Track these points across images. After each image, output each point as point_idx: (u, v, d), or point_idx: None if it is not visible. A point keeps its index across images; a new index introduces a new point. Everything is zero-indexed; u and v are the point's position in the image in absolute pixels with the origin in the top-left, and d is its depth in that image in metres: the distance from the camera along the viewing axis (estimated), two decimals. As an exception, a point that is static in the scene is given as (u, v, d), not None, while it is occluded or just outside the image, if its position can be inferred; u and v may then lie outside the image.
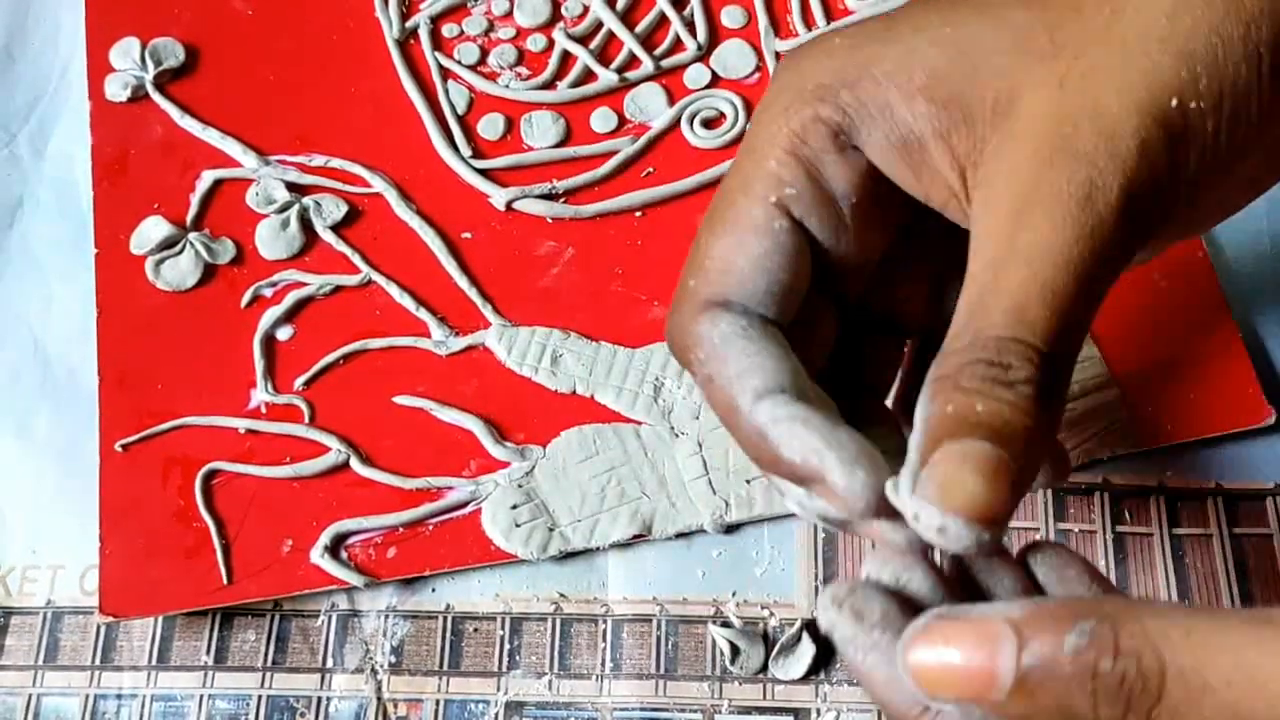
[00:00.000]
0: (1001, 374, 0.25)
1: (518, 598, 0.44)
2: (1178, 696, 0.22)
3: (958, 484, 0.24)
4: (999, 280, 0.26)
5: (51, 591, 0.45)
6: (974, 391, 0.25)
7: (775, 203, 0.29)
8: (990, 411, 0.24)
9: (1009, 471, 0.24)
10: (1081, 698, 0.22)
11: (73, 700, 0.44)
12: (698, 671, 0.43)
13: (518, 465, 0.45)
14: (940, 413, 0.25)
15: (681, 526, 0.44)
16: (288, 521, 0.45)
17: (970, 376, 0.25)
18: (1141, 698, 0.22)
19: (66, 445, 0.47)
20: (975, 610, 0.24)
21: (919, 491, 0.24)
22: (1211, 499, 0.45)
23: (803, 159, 0.29)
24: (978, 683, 0.23)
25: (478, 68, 0.53)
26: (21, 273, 0.51)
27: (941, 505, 0.24)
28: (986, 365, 0.25)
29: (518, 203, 0.50)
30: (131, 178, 0.51)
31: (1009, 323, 0.25)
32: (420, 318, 0.48)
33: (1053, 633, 0.23)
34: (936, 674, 0.24)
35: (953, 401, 0.25)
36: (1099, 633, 0.22)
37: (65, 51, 0.55)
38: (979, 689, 0.23)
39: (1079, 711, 0.23)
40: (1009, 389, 0.25)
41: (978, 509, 0.24)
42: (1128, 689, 0.22)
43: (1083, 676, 0.22)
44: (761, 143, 0.30)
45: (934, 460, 0.24)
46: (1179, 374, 0.46)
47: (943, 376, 0.26)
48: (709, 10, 0.54)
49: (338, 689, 0.43)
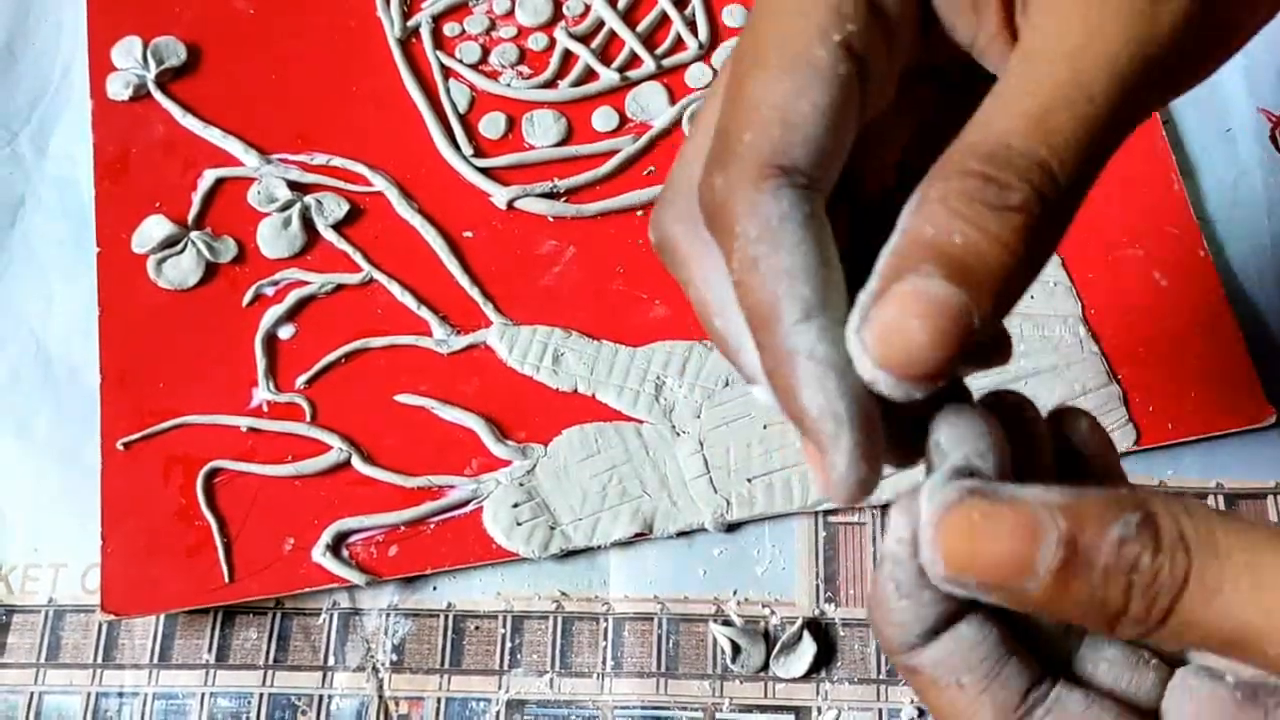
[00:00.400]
0: (995, 195, 0.22)
1: (519, 596, 0.45)
2: (1194, 597, 0.22)
3: (899, 334, 0.22)
4: (1029, 74, 0.23)
5: (53, 590, 0.45)
6: (957, 214, 0.22)
7: (840, 41, 0.24)
8: (970, 245, 0.22)
9: (965, 322, 0.21)
10: (1115, 590, 0.22)
11: (74, 698, 0.44)
12: (699, 670, 0.43)
13: (519, 464, 0.45)
14: (916, 232, 0.22)
15: (682, 525, 0.45)
16: (289, 520, 0.45)
17: (959, 194, 0.22)
18: (1167, 593, 0.22)
19: (68, 444, 0.47)
20: (1015, 492, 0.22)
21: (862, 332, 0.22)
22: (1212, 498, 0.45)
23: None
24: (1009, 569, 0.22)
25: (479, 66, 0.53)
26: (23, 271, 0.51)
27: (875, 356, 0.22)
28: (982, 181, 0.22)
29: (519, 201, 0.50)
30: (133, 176, 0.51)
31: (1026, 127, 0.22)
32: (422, 316, 0.48)
33: (1097, 524, 0.22)
34: (965, 555, 0.22)
35: (933, 222, 0.22)
36: (1144, 527, 0.22)
37: (67, 50, 0.55)
38: (1008, 575, 0.22)
39: (1110, 603, 0.22)
40: (998, 216, 0.22)
41: (914, 366, 0.22)
42: (1160, 583, 0.22)
43: (1122, 569, 0.22)
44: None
45: (886, 296, 0.22)
46: (1180, 373, 0.46)
47: (935, 181, 0.23)
48: (710, 9, 0.54)
49: (339, 687, 0.43)
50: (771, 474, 0.45)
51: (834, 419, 0.23)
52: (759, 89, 0.24)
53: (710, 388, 0.46)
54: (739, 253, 0.24)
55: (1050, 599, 0.22)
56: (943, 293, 0.21)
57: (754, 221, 0.24)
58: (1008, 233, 0.22)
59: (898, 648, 0.25)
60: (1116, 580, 0.22)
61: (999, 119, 0.23)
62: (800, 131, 0.24)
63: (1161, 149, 0.50)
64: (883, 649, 0.26)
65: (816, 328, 0.23)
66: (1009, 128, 0.22)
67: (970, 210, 0.22)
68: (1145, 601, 0.22)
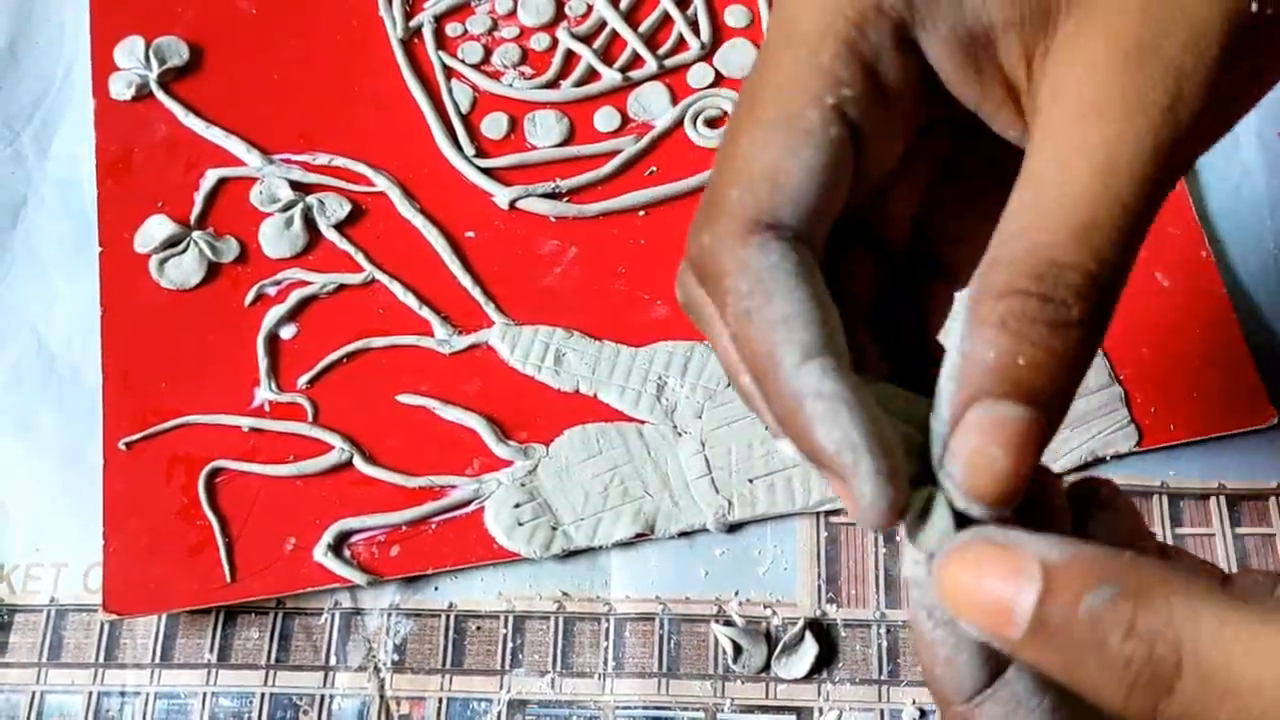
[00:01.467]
0: (1054, 313, 0.22)
1: (520, 596, 0.45)
2: (1192, 692, 0.20)
3: (986, 463, 0.22)
4: (1065, 185, 0.23)
5: (55, 589, 0.45)
6: (1020, 335, 0.22)
7: (834, 105, 0.24)
8: (1034, 364, 0.22)
9: (1040, 439, 0.22)
10: (1092, 665, 0.21)
11: (76, 698, 0.44)
12: (700, 670, 0.43)
13: (521, 464, 0.45)
14: (979, 359, 0.22)
15: (684, 525, 0.45)
16: (291, 520, 0.45)
17: (1019, 315, 0.22)
18: (1147, 687, 0.20)
19: (70, 443, 0.47)
20: (1016, 539, 0.22)
21: (947, 463, 0.23)
22: (1215, 499, 0.45)
23: (861, 55, 0.25)
24: (996, 618, 0.22)
25: (481, 67, 0.53)
26: (25, 271, 0.51)
27: (968, 488, 0.22)
28: (1040, 301, 0.22)
29: (521, 202, 0.50)
30: (135, 176, 0.51)
31: (1074, 240, 0.22)
32: (423, 316, 0.48)
33: (1076, 587, 0.21)
34: (963, 594, 0.22)
35: (995, 346, 0.22)
36: (1117, 604, 0.21)
37: (70, 50, 0.55)
38: (997, 626, 0.22)
39: (1088, 679, 0.21)
40: (1059, 333, 0.22)
41: (1002, 492, 0.22)
42: (1134, 674, 0.20)
43: (1091, 645, 0.21)
44: (810, 32, 0.25)
45: (964, 426, 0.22)
46: (1182, 374, 0.46)
47: (986, 301, 0.23)
48: (712, 10, 0.54)
49: (341, 687, 0.43)
50: (773, 474, 0.45)
51: (851, 449, 0.23)
52: (749, 147, 0.25)
53: (712, 388, 0.46)
54: (732, 308, 0.24)
55: (1035, 657, 0.22)
56: (1016, 416, 0.22)
57: (743, 276, 0.24)
58: (1072, 348, 0.22)
59: (953, 695, 0.24)
60: (1093, 653, 0.21)
61: (1040, 234, 0.23)
62: (787, 191, 0.24)
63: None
64: (936, 702, 0.25)
65: (819, 367, 0.23)
66: (1054, 243, 0.22)
67: (1032, 332, 0.22)
68: (1121, 688, 0.21)
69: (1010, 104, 0.26)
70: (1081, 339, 0.22)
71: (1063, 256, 0.22)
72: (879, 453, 0.23)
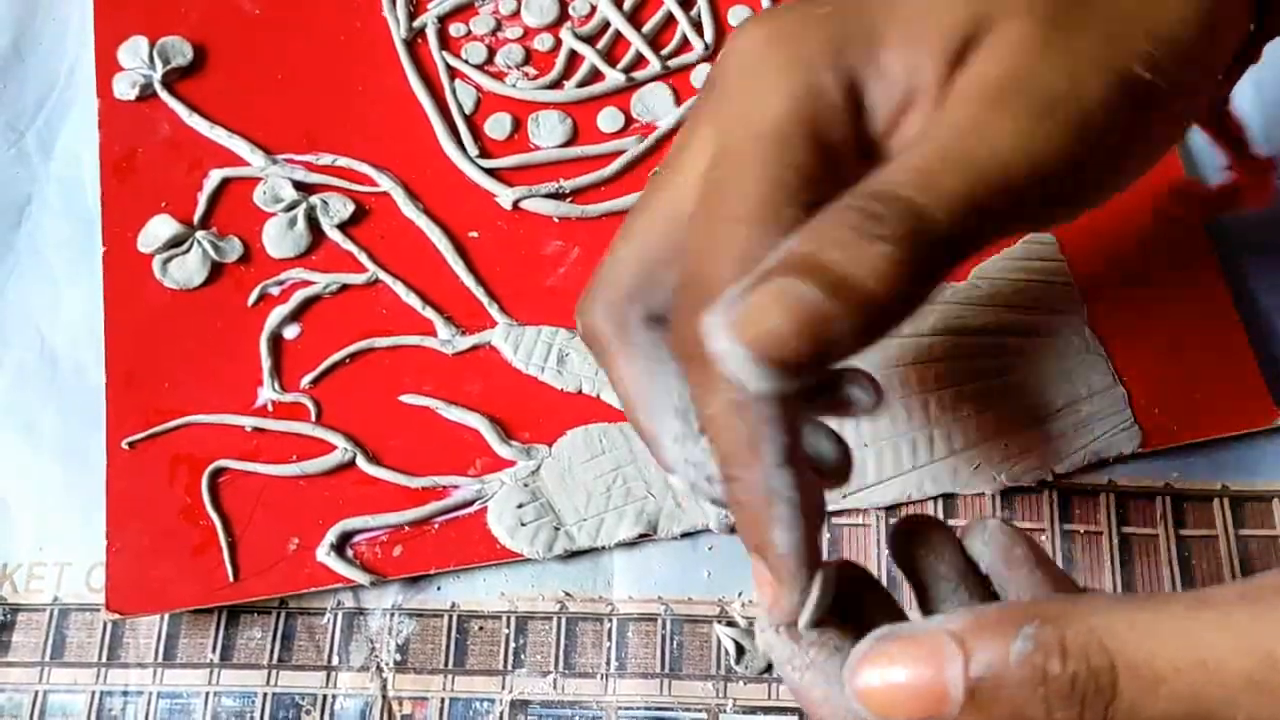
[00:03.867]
0: (871, 226, 0.23)
1: (523, 596, 0.45)
2: (1133, 690, 0.22)
3: (760, 316, 0.22)
4: (923, 145, 0.24)
5: (58, 588, 0.45)
6: (832, 239, 0.23)
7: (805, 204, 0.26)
8: (838, 261, 0.23)
9: (826, 326, 0.22)
10: (1035, 703, 0.22)
11: (79, 697, 0.44)
12: (703, 671, 0.43)
13: (523, 464, 0.45)
14: (793, 248, 0.23)
15: (687, 526, 0.45)
16: (294, 519, 0.45)
17: (838, 222, 0.23)
18: (1096, 697, 0.22)
19: (74, 443, 0.47)
20: (916, 627, 0.23)
21: (722, 313, 0.23)
22: (1218, 501, 0.45)
23: (824, 144, 0.26)
24: (928, 701, 0.22)
25: (485, 67, 0.53)
26: (29, 271, 0.51)
27: (732, 331, 0.22)
28: (859, 214, 0.23)
29: (524, 202, 0.50)
30: (139, 176, 0.51)
31: (911, 179, 0.24)
32: (427, 316, 0.48)
33: (997, 641, 0.22)
34: (886, 697, 0.23)
35: (810, 242, 0.23)
36: (1043, 636, 0.22)
37: (73, 50, 0.55)
38: (930, 707, 0.23)
39: (1037, 713, 0.22)
40: (869, 244, 0.23)
41: (769, 346, 0.22)
42: (1080, 690, 0.22)
43: (1033, 682, 0.22)
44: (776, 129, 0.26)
45: (755, 288, 0.23)
46: (1185, 375, 0.46)
47: (821, 213, 0.24)
48: (716, 10, 0.54)
49: (343, 687, 0.43)
50: (776, 475, 0.45)
51: (798, 560, 0.25)
52: (734, 245, 0.26)
53: (715, 389, 0.46)
54: (720, 396, 0.25)
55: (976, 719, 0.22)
56: (809, 294, 0.22)
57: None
58: (878, 260, 0.23)
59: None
60: (1032, 694, 0.22)
61: (890, 172, 0.24)
62: None
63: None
64: None
65: (791, 476, 0.25)
66: (896, 179, 0.24)
67: (845, 236, 0.23)
68: (1073, 709, 0.22)
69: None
70: (894, 260, 0.23)
71: (900, 189, 0.24)
72: (810, 571, 0.26)
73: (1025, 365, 0.46)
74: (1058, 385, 0.46)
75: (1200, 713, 0.21)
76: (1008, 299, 0.47)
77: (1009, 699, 0.22)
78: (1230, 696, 0.21)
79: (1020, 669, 0.22)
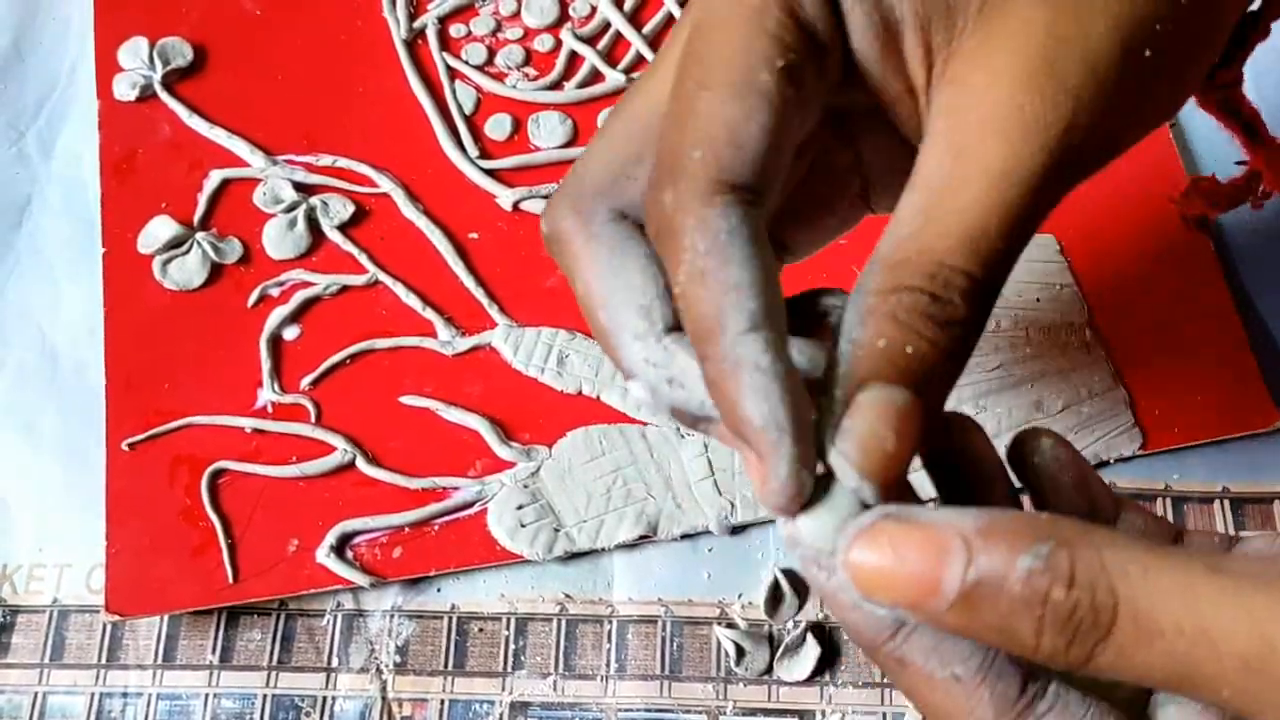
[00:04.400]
0: (940, 311, 0.24)
1: (523, 598, 0.45)
2: (1126, 636, 0.21)
3: (877, 443, 0.23)
4: (959, 193, 0.24)
5: (58, 590, 0.45)
6: (908, 327, 0.24)
7: (783, 68, 0.25)
8: (919, 355, 0.24)
9: (921, 423, 0.23)
10: (1027, 622, 0.22)
11: (78, 698, 0.44)
12: (703, 673, 0.43)
13: (523, 466, 0.45)
14: (870, 345, 0.24)
15: (687, 528, 0.44)
16: (294, 521, 0.45)
17: (909, 309, 0.24)
18: (1089, 631, 0.22)
19: (73, 444, 0.47)
20: (927, 516, 0.23)
21: (839, 444, 0.24)
22: (1219, 502, 0.45)
23: (802, 22, 0.26)
24: (918, 590, 0.22)
25: (485, 68, 0.53)
26: (30, 271, 0.51)
27: (861, 467, 0.23)
28: (929, 299, 0.24)
29: (525, 203, 0.50)
30: (139, 177, 0.51)
31: (962, 247, 0.24)
32: (427, 318, 0.48)
33: (1006, 551, 0.22)
34: (875, 576, 0.23)
35: (885, 335, 0.24)
36: (1055, 559, 0.22)
37: (74, 51, 0.55)
38: (918, 596, 0.22)
39: (1021, 634, 0.22)
40: (943, 330, 0.24)
41: (891, 472, 0.23)
42: (1076, 621, 0.21)
43: (1031, 601, 0.22)
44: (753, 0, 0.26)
45: (858, 407, 0.24)
46: (1186, 377, 0.46)
47: (880, 295, 0.24)
48: (716, 11, 0.54)
49: (343, 688, 0.43)
50: (776, 477, 0.45)
51: (778, 427, 0.24)
52: (708, 110, 0.25)
53: (715, 390, 0.46)
54: (687, 265, 0.25)
55: (961, 623, 0.22)
56: (904, 400, 0.23)
57: (703, 236, 0.25)
58: (953, 344, 0.24)
59: (874, 637, 0.25)
60: (1026, 612, 0.22)
61: (934, 238, 0.24)
62: (748, 152, 0.25)
63: (1168, 151, 0.50)
64: (858, 644, 0.26)
65: (762, 339, 0.24)
66: (946, 247, 0.24)
67: (921, 326, 0.24)
68: (1063, 638, 0.22)
69: (908, 99, 0.27)
70: (963, 335, 0.24)
71: (953, 260, 0.24)
72: (801, 438, 0.24)
73: (1025, 366, 0.46)
74: (1058, 386, 0.46)
75: (1184, 676, 0.21)
76: (1008, 299, 0.47)
77: (1001, 611, 0.22)
78: (1222, 672, 0.21)
79: (1022, 586, 0.22)
